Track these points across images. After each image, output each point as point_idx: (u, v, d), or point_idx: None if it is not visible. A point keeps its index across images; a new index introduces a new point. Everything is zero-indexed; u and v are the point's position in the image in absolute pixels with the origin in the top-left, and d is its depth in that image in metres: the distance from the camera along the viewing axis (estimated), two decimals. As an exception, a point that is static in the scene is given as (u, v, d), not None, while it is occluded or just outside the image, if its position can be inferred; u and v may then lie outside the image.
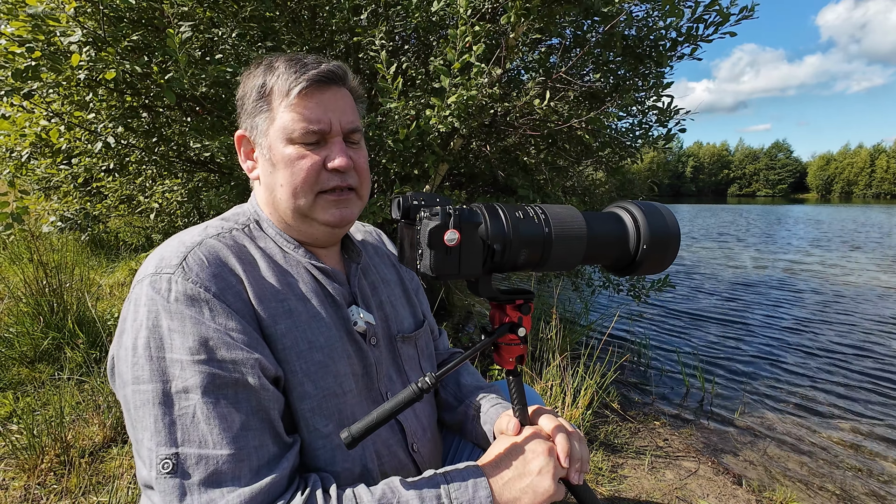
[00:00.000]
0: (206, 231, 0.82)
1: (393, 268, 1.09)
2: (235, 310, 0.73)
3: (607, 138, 3.04)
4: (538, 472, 0.72)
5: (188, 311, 0.69)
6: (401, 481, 0.72)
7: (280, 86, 0.82)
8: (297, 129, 0.80)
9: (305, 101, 0.81)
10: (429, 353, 1.07)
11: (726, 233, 18.06)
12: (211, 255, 0.76)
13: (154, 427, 0.66)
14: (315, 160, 0.82)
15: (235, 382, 0.69)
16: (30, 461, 1.88)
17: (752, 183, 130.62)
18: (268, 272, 0.81)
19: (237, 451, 0.67)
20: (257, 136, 0.86)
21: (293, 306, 0.80)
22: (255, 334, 0.74)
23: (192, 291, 0.71)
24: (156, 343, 0.68)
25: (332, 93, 0.84)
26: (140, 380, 0.67)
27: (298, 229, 0.87)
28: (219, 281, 0.74)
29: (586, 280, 4.40)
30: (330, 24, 2.63)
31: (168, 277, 0.71)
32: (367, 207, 2.38)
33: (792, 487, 2.47)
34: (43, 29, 1.91)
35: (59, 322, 2.86)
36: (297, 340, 0.78)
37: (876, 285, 7.95)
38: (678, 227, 0.77)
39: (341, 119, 0.83)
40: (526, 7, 2.21)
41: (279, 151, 0.82)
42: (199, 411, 0.66)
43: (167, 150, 2.91)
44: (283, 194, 0.83)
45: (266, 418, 0.71)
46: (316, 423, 0.77)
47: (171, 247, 0.77)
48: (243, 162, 0.92)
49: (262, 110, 0.84)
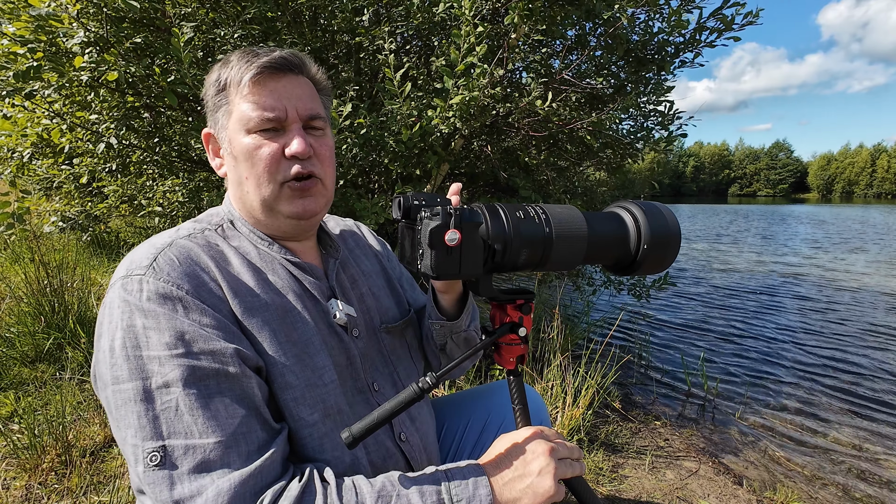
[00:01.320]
0: (178, 233, 0.81)
1: (374, 258, 1.09)
2: (210, 305, 0.73)
3: (609, 139, 3.04)
4: (539, 472, 0.72)
5: (161, 308, 0.69)
6: (401, 476, 0.72)
7: (233, 77, 0.81)
8: (253, 117, 0.79)
9: (259, 89, 0.80)
10: (418, 343, 1.07)
11: (727, 233, 18.05)
12: (181, 255, 0.75)
13: (138, 423, 0.65)
14: (273, 148, 0.80)
15: (217, 373, 0.68)
16: (31, 461, 1.88)
17: (753, 183, 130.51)
18: (241, 269, 0.81)
19: (225, 438, 0.66)
20: (219, 131, 0.86)
21: (269, 299, 0.80)
22: (232, 327, 0.74)
23: (164, 290, 0.70)
24: (132, 342, 0.67)
25: (288, 80, 0.82)
26: (119, 379, 0.67)
27: (267, 224, 0.87)
28: (191, 279, 0.73)
29: (587, 280, 4.40)
30: (331, 24, 2.64)
31: (139, 279, 0.71)
32: (368, 207, 2.39)
33: (793, 488, 2.47)
34: (46, 29, 1.91)
35: (60, 322, 2.86)
36: (274, 332, 0.78)
37: (878, 286, 7.94)
38: (679, 226, 0.77)
39: (298, 105, 0.82)
40: (529, 8, 2.21)
41: (238, 143, 0.81)
42: (181, 403, 0.66)
43: (169, 150, 2.91)
44: (249, 187, 0.83)
45: (252, 405, 0.71)
46: (300, 412, 0.77)
47: (141, 250, 0.76)
48: (212, 160, 0.91)
49: (221, 104, 0.84)
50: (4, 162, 3.27)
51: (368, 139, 2.37)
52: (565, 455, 0.76)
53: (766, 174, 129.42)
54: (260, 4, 2.20)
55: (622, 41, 2.56)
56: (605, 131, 2.86)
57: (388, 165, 2.56)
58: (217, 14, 2.32)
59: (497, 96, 2.34)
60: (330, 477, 0.71)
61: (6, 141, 2.99)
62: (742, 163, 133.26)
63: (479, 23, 2.11)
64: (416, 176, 2.76)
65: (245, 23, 2.23)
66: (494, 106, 2.56)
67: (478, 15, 2.46)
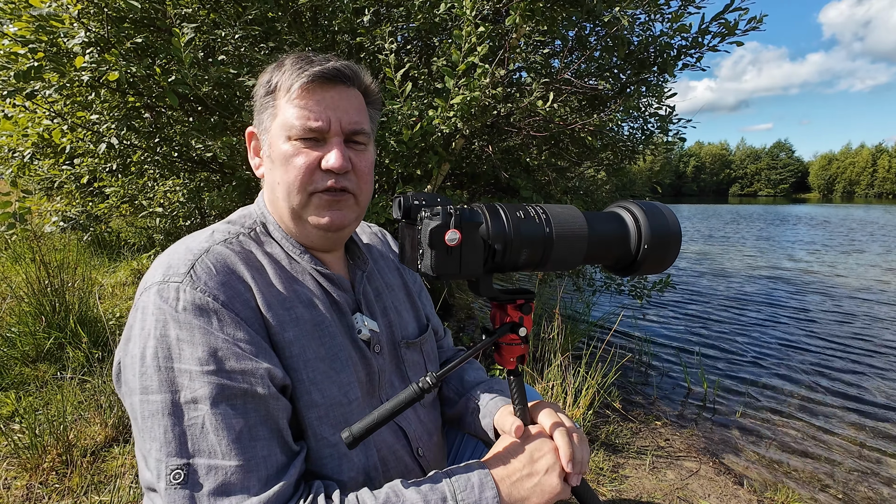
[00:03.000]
0: (214, 237, 0.80)
1: (397, 271, 1.08)
2: (244, 318, 0.72)
3: (609, 140, 3.04)
4: (546, 470, 0.72)
5: (197, 321, 0.68)
6: (403, 483, 0.72)
7: (284, 82, 0.81)
8: (296, 125, 0.79)
9: (306, 97, 0.79)
10: (434, 356, 1.06)
11: (728, 233, 18.03)
12: (219, 263, 0.75)
13: (164, 438, 0.65)
14: (310, 158, 0.80)
15: (244, 393, 0.68)
16: (32, 460, 1.88)
17: (754, 183, 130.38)
18: (275, 279, 0.80)
19: (246, 461, 0.66)
20: (262, 132, 0.85)
21: (300, 314, 0.80)
22: (264, 343, 0.74)
23: (201, 301, 0.70)
24: (164, 353, 0.67)
25: (337, 91, 0.81)
26: (149, 390, 0.67)
27: (296, 231, 0.86)
28: (227, 289, 0.73)
29: (587, 280, 4.40)
30: (332, 25, 2.64)
31: (176, 286, 0.70)
32: (369, 207, 2.39)
33: (794, 488, 2.47)
34: (46, 29, 1.91)
35: (61, 321, 2.86)
36: (304, 349, 0.78)
37: (879, 286, 7.93)
38: (679, 226, 0.77)
39: (342, 118, 0.81)
40: (530, 9, 2.21)
41: (278, 148, 0.81)
42: (208, 422, 0.66)
43: (169, 150, 2.91)
44: (280, 193, 0.82)
45: (275, 427, 0.71)
46: (323, 431, 0.77)
47: (178, 254, 0.75)
48: (251, 159, 0.91)
49: (267, 106, 0.83)
50: (6, 162, 3.28)
51: (369, 139, 2.37)
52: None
53: (766, 174, 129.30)
54: (261, 5, 2.20)
55: (623, 42, 2.55)
56: (606, 132, 2.86)
57: (388, 165, 2.56)
58: (217, 15, 2.33)
59: (498, 96, 2.34)
60: (335, 494, 0.71)
61: (7, 141, 2.99)
62: (743, 163, 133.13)
63: (480, 23, 2.11)
64: (416, 176, 2.76)
65: (246, 24, 2.24)
66: (495, 106, 2.56)
67: (479, 15, 2.47)
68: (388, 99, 2.27)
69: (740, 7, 2.46)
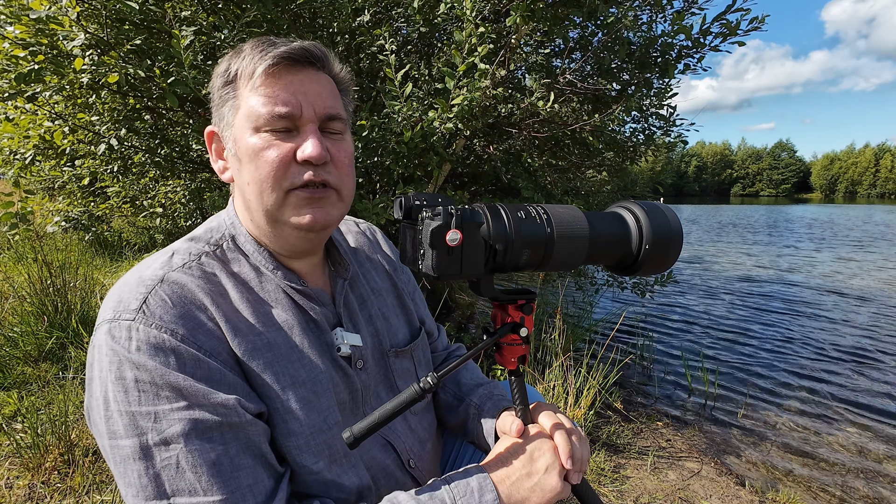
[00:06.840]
0: (171, 261, 0.73)
1: (385, 273, 1.00)
2: (208, 350, 0.67)
3: (611, 140, 3.04)
4: (545, 470, 0.72)
5: (152, 361, 0.63)
6: (402, 495, 0.70)
7: (245, 67, 0.72)
8: (263, 113, 0.69)
9: (272, 82, 0.70)
10: (426, 361, 1.01)
11: (729, 234, 18.00)
12: (174, 294, 0.68)
13: (139, 482, 0.61)
14: (283, 150, 0.70)
15: (220, 424, 0.64)
16: (34, 460, 1.89)
17: (756, 182, 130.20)
18: (241, 304, 0.73)
19: (230, 493, 0.63)
20: (224, 129, 0.76)
21: (271, 338, 0.73)
22: (232, 374, 0.68)
23: (157, 339, 0.63)
24: (123, 397, 0.62)
25: (307, 74, 0.73)
26: (116, 434, 0.63)
27: (273, 237, 0.77)
28: (187, 321, 0.66)
29: (589, 280, 4.40)
30: (331, 25, 2.64)
31: (128, 325, 0.64)
32: (370, 208, 2.39)
33: (795, 488, 2.46)
34: (46, 32, 1.92)
35: (63, 321, 2.87)
36: (278, 376, 0.72)
37: (881, 286, 7.91)
38: (680, 226, 0.77)
39: (315, 102, 0.72)
40: (530, 9, 2.20)
41: (244, 143, 0.71)
42: (182, 460, 0.62)
43: (170, 151, 2.92)
44: (251, 194, 0.73)
45: (258, 453, 0.67)
46: (304, 460, 0.73)
47: (129, 286, 0.68)
48: (214, 163, 0.81)
49: (227, 98, 0.74)
50: (7, 163, 3.29)
51: (370, 140, 2.37)
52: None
53: (768, 174, 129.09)
54: (260, 6, 2.20)
55: (624, 43, 2.55)
56: (607, 132, 2.86)
57: (389, 166, 2.56)
58: (217, 17, 2.33)
59: (499, 97, 2.34)
60: None
61: (9, 143, 3.00)
62: (744, 162, 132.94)
63: (480, 23, 2.11)
64: (417, 176, 2.76)
65: (245, 25, 2.24)
66: (496, 106, 2.56)
67: (479, 15, 2.47)
68: (388, 100, 2.28)
69: (742, 7, 2.45)
